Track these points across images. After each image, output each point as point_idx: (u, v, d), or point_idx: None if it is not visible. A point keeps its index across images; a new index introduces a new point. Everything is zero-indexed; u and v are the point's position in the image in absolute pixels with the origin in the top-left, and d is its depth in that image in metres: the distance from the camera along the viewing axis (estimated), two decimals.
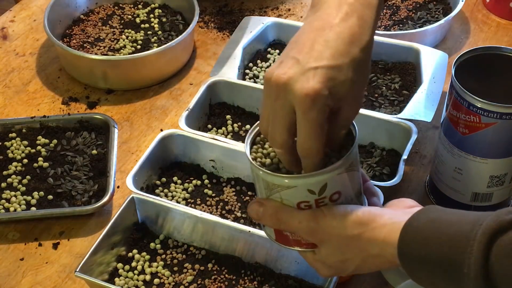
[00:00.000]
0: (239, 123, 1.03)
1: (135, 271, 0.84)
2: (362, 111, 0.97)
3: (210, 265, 0.84)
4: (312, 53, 0.59)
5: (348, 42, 0.60)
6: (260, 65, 1.12)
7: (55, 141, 1.01)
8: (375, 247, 0.60)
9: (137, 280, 0.84)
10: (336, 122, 0.61)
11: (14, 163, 0.98)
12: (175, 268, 0.85)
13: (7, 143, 1.01)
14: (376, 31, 1.14)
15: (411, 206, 0.63)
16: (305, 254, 0.66)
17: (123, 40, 1.18)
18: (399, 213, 0.61)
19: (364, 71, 0.63)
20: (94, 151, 0.99)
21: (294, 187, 0.61)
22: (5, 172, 0.97)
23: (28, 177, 0.96)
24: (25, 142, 1.01)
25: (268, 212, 0.63)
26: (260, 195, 0.65)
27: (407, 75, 1.07)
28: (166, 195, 0.93)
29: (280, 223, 0.63)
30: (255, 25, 1.14)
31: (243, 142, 0.97)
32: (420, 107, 0.96)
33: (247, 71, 1.11)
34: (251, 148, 0.66)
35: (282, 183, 0.61)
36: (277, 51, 1.14)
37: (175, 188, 0.94)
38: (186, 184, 0.94)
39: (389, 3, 1.24)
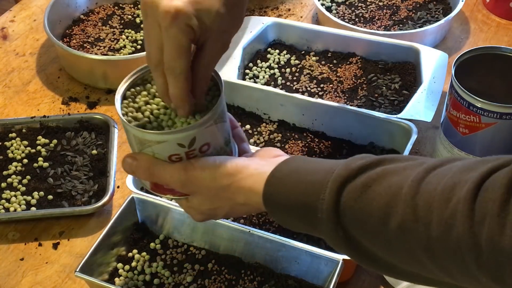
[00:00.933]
0: (239, 123, 1.02)
1: (135, 271, 0.84)
2: (362, 111, 0.97)
3: (210, 265, 0.84)
4: None
5: None
6: (260, 65, 1.12)
7: (55, 141, 1.01)
8: (242, 196, 0.64)
9: (137, 280, 0.83)
10: (202, 59, 0.65)
11: (14, 163, 0.98)
12: (175, 268, 0.85)
13: (7, 143, 1.01)
14: (376, 31, 1.15)
15: (276, 155, 0.67)
16: (179, 201, 0.70)
17: (123, 40, 1.18)
18: (264, 163, 0.65)
19: (235, 12, 0.66)
20: (94, 151, 0.99)
21: (165, 141, 0.63)
22: (5, 172, 0.97)
23: (28, 177, 0.96)
24: (25, 142, 1.01)
25: (141, 166, 0.65)
26: (132, 149, 0.67)
27: (407, 75, 1.07)
28: None
29: (153, 176, 0.66)
30: (255, 25, 1.14)
31: None
32: (420, 107, 0.96)
33: (247, 71, 1.11)
34: (121, 102, 0.67)
35: (153, 138, 0.63)
36: (277, 51, 1.14)
37: None
38: None
39: (389, 3, 1.24)
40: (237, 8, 0.66)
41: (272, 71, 1.11)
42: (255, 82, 1.09)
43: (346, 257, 0.78)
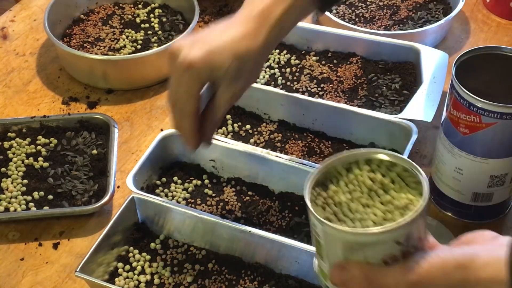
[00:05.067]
0: (239, 123, 1.03)
1: (135, 271, 0.84)
2: (362, 111, 0.97)
3: (210, 265, 0.84)
4: (207, 36, 0.74)
5: (238, 40, 0.73)
6: None
7: (55, 141, 1.01)
8: None
9: (137, 280, 0.83)
10: (212, 104, 0.76)
11: (14, 163, 0.98)
12: (175, 268, 0.85)
13: (7, 143, 1.01)
14: (376, 31, 1.15)
15: (493, 237, 0.61)
16: None
17: (123, 40, 1.18)
18: (491, 247, 0.59)
19: (248, 69, 0.75)
20: (94, 151, 0.99)
21: (381, 242, 0.56)
22: (5, 172, 0.97)
23: (28, 177, 0.96)
24: (25, 142, 1.01)
25: (356, 276, 0.58)
26: (333, 258, 0.59)
27: (407, 75, 1.07)
28: (166, 195, 0.93)
29: (371, 284, 0.58)
30: None
31: (243, 142, 0.98)
32: (420, 107, 0.96)
33: None
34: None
35: (370, 239, 0.56)
36: (277, 50, 1.14)
37: (175, 188, 0.94)
38: (186, 184, 0.94)
39: (389, 3, 1.24)
40: (250, 65, 0.75)
41: (272, 71, 1.11)
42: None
43: None
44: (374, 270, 0.58)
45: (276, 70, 1.11)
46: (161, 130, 1.04)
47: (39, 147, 1.00)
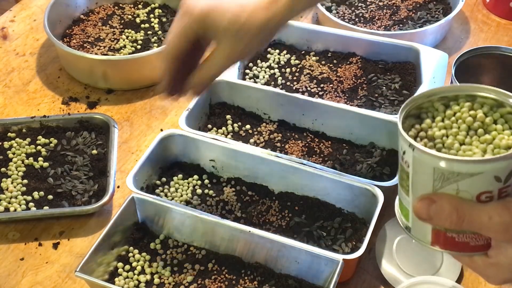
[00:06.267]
0: (239, 123, 1.03)
1: (135, 271, 0.84)
2: (362, 111, 0.97)
3: (210, 265, 0.84)
4: None
5: (247, 6, 0.74)
6: (260, 65, 1.12)
7: (55, 141, 1.01)
8: None
9: (137, 280, 0.83)
10: (203, 60, 0.78)
11: (14, 163, 0.98)
12: (175, 268, 0.85)
13: (7, 143, 1.01)
14: (376, 31, 1.15)
15: None
16: (470, 258, 0.57)
17: (123, 40, 1.18)
18: None
19: (244, 38, 0.75)
20: (94, 151, 0.99)
21: (480, 173, 0.51)
22: (5, 172, 0.97)
23: (28, 177, 0.96)
24: (25, 142, 1.01)
25: (445, 209, 0.53)
26: (421, 190, 0.54)
27: (407, 75, 1.07)
28: (166, 195, 0.93)
29: (462, 220, 0.53)
30: None
31: (243, 142, 0.98)
32: None
33: (247, 71, 1.11)
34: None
35: (467, 169, 0.50)
36: (277, 51, 1.14)
37: (175, 188, 0.94)
38: (186, 184, 0.94)
39: (389, 3, 1.24)
40: (249, 37, 0.75)
41: (272, 71, 1.11)
42: (255, 82, 1.08)
43: (346, 257, 0.79)
44: (468, 205, 0.52)
45: (276, 70, 1.11)
46: (161, 130, 1.04)
47: (39, 147, 1.00)
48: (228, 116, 1.03)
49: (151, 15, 1.23)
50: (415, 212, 0.55)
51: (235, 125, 1.02)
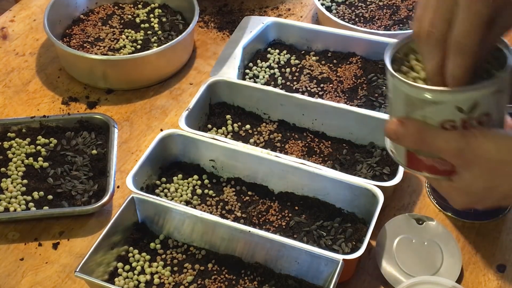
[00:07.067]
0: (239, 123, 1.03)
1: (135, 271, 0.84)
2: (362, 111, 0.97)
3: (210, 265, 0.84)
4: None
5: None
6: (260, 64, 1.12)
7: (55, 141, 1.01)
8: None
9: (137, 280, 0.83)
10: (492, 29, 0.57)
11: (14, 163, 0.98)
12: (175, 268, 0.85)
13: (7, 143, 1.01)
14: (376, 31, 1.15)
15: None
16: (437, 182, 0.62)
17: (123, 40, 1.18)
18: None
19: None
20: (94, 151, 0.99)
21: (442, 103, 0.55)
22: (4, 172, 0.97)
23: (28, 177, 0.96)
24: (25, 142, 1.01)
25: (410, 131, 0.58)
26: (396, 114, 0.59)
27: None
28: (166, 195, 0.93)
29: (423, 143, 0.58)
30: (255, 25, 1.14)
31: (243, 142, 0.98)
32: None
33: (247, 71, 1.11)
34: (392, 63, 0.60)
35: (429, 97, 0.55)
36: (277, 50, 1.14)
37: (175, 188, 0.94)
38: (186, 184, 0.94)
39: (389, 2, 1.24)
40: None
41: (272, 71, 1.11)
42: (255, 82, 1.09)
43: (346, 257, 0.79)
44: (430, 129, 0.57)
45: (276, 70, 1.11)
46: (161, 130, 1.04)
47: (39, 147, 1.00)
48: (228, 116, 1.03)
49: (151, 15, 1.23)
50: (385, 131, 0.60)
51: (235, 125, 1.02)
